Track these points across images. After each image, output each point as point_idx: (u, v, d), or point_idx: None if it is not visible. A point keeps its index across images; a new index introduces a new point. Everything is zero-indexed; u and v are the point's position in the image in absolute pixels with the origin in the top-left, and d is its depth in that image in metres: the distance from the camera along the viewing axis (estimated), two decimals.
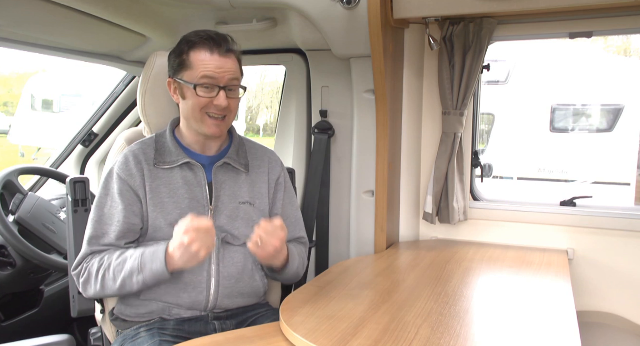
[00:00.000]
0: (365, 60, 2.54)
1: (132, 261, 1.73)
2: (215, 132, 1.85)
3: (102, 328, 2.07)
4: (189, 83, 1.80)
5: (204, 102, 1.80)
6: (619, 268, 2.45)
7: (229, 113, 1.85)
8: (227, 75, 1.81)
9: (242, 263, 1.90)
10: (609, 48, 11.76)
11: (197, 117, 1.83)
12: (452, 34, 2.46)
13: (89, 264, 1.80)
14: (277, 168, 2.08)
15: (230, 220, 1.90)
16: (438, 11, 2.26)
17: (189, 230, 1.61)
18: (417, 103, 2.67)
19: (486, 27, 2.42)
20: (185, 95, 1.84)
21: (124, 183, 1.84)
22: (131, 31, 2.54)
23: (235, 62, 1.85)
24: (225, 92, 1.81)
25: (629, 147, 5.56)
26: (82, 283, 1.82)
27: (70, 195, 2.14)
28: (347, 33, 2.38)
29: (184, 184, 1.86)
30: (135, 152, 1.88)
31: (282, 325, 1.58)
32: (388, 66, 2.34)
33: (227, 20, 2.59)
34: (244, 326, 1.87)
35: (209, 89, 1.80)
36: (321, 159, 2.84)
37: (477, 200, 2.76)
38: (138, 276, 1.72)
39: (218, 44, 1.81)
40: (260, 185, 2.00)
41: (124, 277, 1.73)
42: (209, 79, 1.79)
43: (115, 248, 1.81)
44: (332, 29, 2.40)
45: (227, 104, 1.81)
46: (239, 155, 1.98)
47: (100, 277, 1.77)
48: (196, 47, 1.81)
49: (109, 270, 1.76)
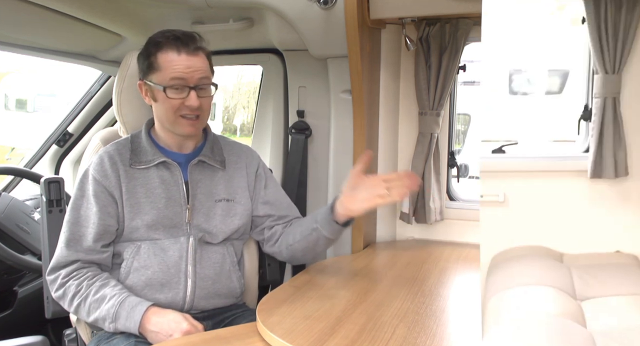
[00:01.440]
0: (342, 60, 2.53)
1: (108, 307, 1.71)
2: (190, 131, 1.84)
3: (76, 329, 2.05)
4: (159, 85, 1.79)
5: (176, 103, 1.79)
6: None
7: (201, 112, 1.84)
8: (196, 74, 1.79)
9: (219, 263, 1.90)
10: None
11: (170, 119, 1.82)
12: (428, 34, 2.46)
13: (65, 282, 1.78)
14: (254, 160, 2.08)
15: (208, 218, 1.90)
16: (414, 12, 2.26)
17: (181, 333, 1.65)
18: (393, 103, 2.68)
19: (462, 28, 2.42)
20: (156, 97, 1.83)
21: (99, 184, 1.82)
22: (106, 30, 2.52)
23: (204, 60, 1.84)
24: (196, 91, 1.79)
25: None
26: (55, 296, 1.82)
27: (44, 195, 2.12)
28: (323, 33, 2.38)
29: (160, 183, 1.85)
30: (111, 153, 1.87)
31: (259, 325, 1.58)
32: (365, 66, 2.34)
33: (203, 20, 2.57)
34: (221, 326, 1.86)
35: (179, 90, 1.78)
36: (298, 159, 2.84)
37: (453, 200, 2.77)
38: (110, 324, 1.71)
39: (185, 43, 1.79)
40: (238, 180, 2.00)
41: (96, 317, 1.73)
42: (178, 80, 1.77)
43: (93, 259, 1.80)
44: (309, 29, 2.40)
45: (199, 104, 1.80)
46: (213, 152, 1.97)
47: (75, 305, 1.76)
48: (163, 47, 1.79)
49: (85, 302, 1.75)
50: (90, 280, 1.77)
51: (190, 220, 1.86)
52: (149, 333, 1.68)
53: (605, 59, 1.90)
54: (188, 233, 1.86)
